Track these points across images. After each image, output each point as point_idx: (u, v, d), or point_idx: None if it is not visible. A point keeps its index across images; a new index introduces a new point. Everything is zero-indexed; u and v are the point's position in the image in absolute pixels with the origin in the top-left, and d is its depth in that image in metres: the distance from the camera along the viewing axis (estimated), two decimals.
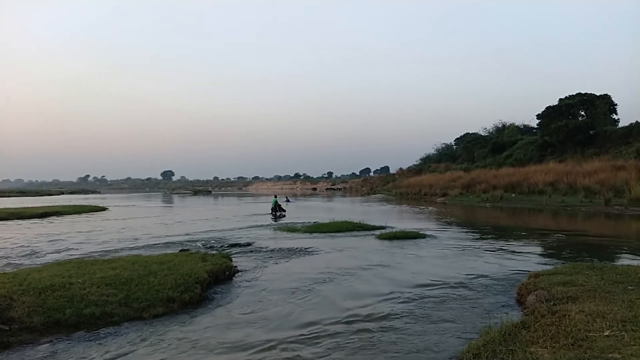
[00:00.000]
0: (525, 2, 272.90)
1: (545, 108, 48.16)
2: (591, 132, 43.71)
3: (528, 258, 11.58)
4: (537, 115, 49.72)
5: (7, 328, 5.73)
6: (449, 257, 11.92)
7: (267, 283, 9.08)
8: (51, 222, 24.17)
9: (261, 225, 20.83)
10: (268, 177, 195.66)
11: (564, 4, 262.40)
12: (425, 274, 9.71)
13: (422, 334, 5.93)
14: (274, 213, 27.46)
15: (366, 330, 6.10)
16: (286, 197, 47.14)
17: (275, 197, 30.27)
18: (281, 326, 6.37)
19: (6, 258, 12.31)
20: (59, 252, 13.31)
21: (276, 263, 11.32)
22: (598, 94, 46.43)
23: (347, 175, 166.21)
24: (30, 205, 36.28)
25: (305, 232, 17.49)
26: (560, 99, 47.78)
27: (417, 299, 7.63)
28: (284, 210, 28.21)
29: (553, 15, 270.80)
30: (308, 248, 13.44)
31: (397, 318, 6.61)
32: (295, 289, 8.48)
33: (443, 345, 5.53)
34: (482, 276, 9.32)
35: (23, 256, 12.68)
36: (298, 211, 32.70)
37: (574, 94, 47.11)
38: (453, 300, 7.53)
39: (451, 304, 7.34)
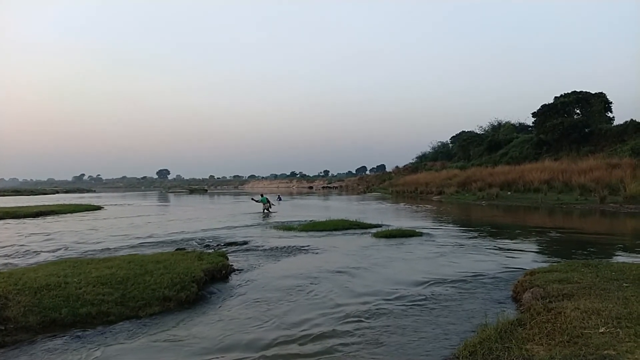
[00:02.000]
0: (520, 2, 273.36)
1: (541, 106, 48.26)
2: (586, 130, 43.84)
3: (524, 256, 11.62)
4: (532, 114, 49.83)
5: (3, 327, 5.71)
6: (445, 255, 11.94)
7: (264, 281, 9.07)
8: (46, 222, 24.07)
9: (257, 224, 20.82)
10: (264, 176, 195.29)
11: (559, 3, 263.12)
12: (421, 271, 9.72)
13: (418, 331, 5.94)
14: (265, 210, 28.02)
15: (362, 328, 6.11)
16: (278, 196, 47.48)
17: (262, 195, 30.78)
18: (277, 325, 6.37)
19: (1, 258, 12.25)
20: (54, 252, 13.26)
21: (272, 261, 11.32)
22: (593, 92, 46.53)
23: (344, 173, 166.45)
24: (25, 205, 36.12)
25: (301, 230, 17.49)
26: (555, 97, 47.86)
27: (412, 297, 7.64)
28: (269, 208, 28.64)
29: (548, 15, 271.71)
30: (304, 246, 13.44)
31: (393, 316, 6.61)
32: (291, 288, 8.48)
33: (439, 342, 5.53)
34: (478, 274, 9.34)
35: (18, 256, 12.63)
36: (294, 210, 32.69)
37: (569, 92, 47.21)
38: (449, 298, 7.55)
39: (447, 301, 7.36)
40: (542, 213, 25.68)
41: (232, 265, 10.28)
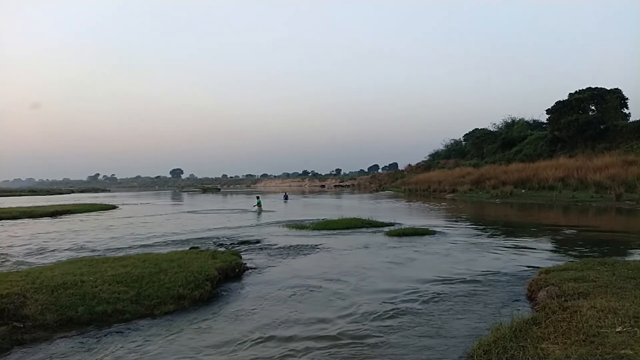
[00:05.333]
0: None
1: (555, 103, 47.76)
2: (602, 127, 43.27)
3: (538, 254, 11.52)
4: (546, 110, 49.30)
5: (22, 325, 5.81)
6: (459, 253, 11.88)
7: (277, 280, 9.10)
8: (62, 221, 24.39)
9: (270, 223, 20.88)
10: (276, 175, 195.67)
11: None
12: (434, 270, 9.69)
13: (433, 330, 5.93)
14: (259, 210, 29.22)
15: (376, 327, 6.10)
16: (285, 194, 48.92)
17: (258, 197, 32.41)
18: (291, 323, 6.39)
19: (19, 256, 12.45)
20: (70, 251, 13.44)
21: (285, 260, 11.35)
22: (608, 88, 45.97)
23: (355, 172, 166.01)
24: (41, 204, 36.64)
25: (314, 229, 17.52)
26: (570, 94, 47.36)
27: (427, 296, 7.62)
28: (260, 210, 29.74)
29: (562, 9, 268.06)
30: (317, 245, 13.45)
31: (407, 314, 6.60)
32: (304, 286, 8.49)
33: (453, 341, 5.51)
34: (492, 272, 9.28)
35: (35, 255, 12.82)
36: (306, 209, 32.76)
37: (584, 88, 46.70)
38: (463, 297, 7.51)
39: (461, 300, 7.32)
40: (557, 211, 25.44)
41: (245, 263, 10.34)
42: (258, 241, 14.49)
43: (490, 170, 44.94)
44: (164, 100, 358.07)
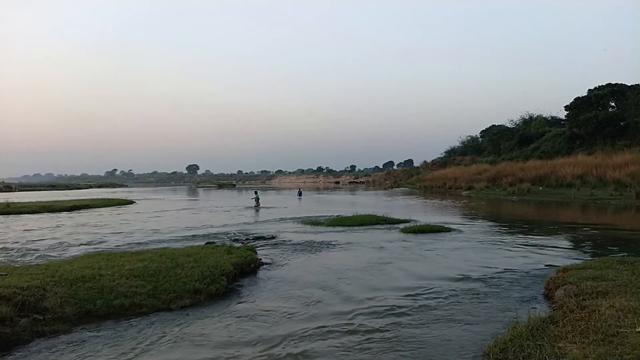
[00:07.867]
0: None
1: (574, 99, 47.09)
2: (622, 124, 42.51)
3: (556, 252, 11.38)
4: (565, 107, 48.65)
5: (41, 318, 5.92)
6: (475, 251, 11.79)
7: (292, 276, 9.13)
8: (80, 216, 24.74)
9: (285, 219, 20.93)
10: (291, 171, 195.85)
11: None
12: (450, 268, 9.63)
13: (449, 327, 5.89)
14: (256, 205, 29.62)
15: (392, 323, 6.09)
16: (299, 190, 50.00)
17: (256, 192, 32.24)
18: (306, 319, 6.40)
19: (38, 250, 12.65)
20: (88, 245, 13.62)
21: (300, 256, 11.37)
22: (629, 84, 45.18)
23: (370, 168, 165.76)
24: (60, 199, 37.18)
25: (328, 225, 17.51)
26: (589, 90, 46.68)
27: (443, 293, 7.58)
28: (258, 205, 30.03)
29: (582, 4, 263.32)
30: (332, 241, 13.45)
31: (424, 312, 6.58)
32: (319, 282, 8.51)
33: (470, 339, 5.48)
34: (509, 270, 9.20)
35: (54, 248, 13.02)
36: (321, 205, 32.76)
37: (604, 84, 45.98)
38: (480, 294, 7.45)
39: (478, 298, 7.27)
40: (575, 209, 25.09)
41: (260, 259, 10.38)
42: (273, 237, 14.54)
43: (507, 167, 44.50)
44: (181, 97, 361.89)
